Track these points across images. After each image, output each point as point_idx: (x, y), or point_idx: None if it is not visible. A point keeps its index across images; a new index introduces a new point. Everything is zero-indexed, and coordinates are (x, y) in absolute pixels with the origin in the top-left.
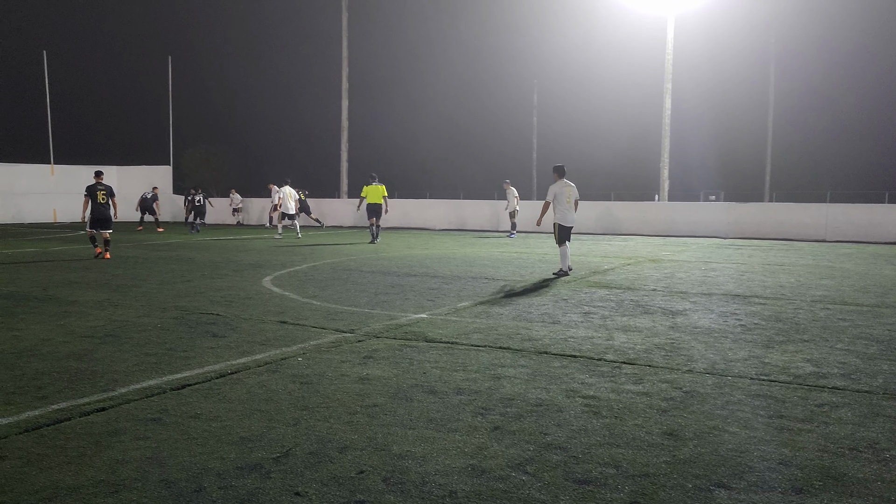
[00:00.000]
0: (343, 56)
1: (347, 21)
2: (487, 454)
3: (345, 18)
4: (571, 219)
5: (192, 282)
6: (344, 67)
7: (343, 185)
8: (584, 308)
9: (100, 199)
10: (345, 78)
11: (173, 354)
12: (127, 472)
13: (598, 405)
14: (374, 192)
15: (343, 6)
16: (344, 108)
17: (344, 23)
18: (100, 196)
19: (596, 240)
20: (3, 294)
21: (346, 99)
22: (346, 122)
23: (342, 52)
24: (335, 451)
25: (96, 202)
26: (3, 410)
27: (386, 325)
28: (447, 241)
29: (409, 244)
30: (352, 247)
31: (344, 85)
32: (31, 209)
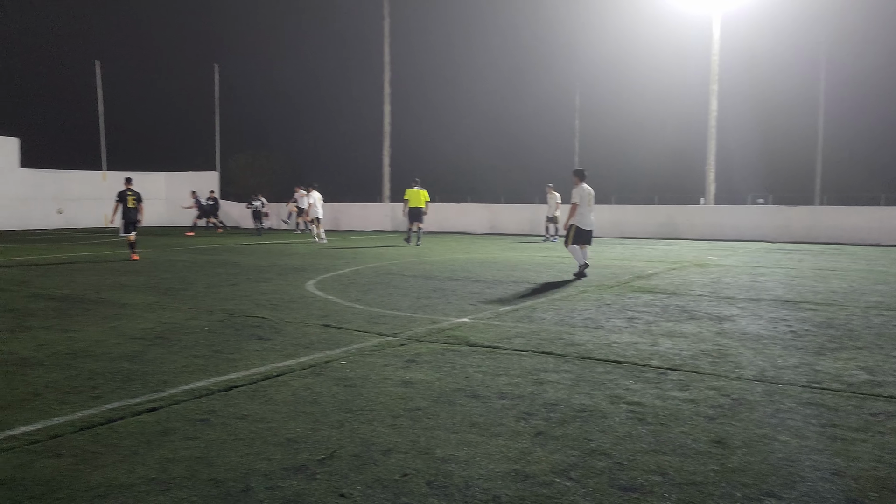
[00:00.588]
0: (385, 61)
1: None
2: (531, 459)
3: (386, 24)
4: (590, 221)
5: (238, 285)
6: (386, 73)
7: (385, 190)
8: (628, 313)
9: (130, 204)
10: (387, 83)
11: (220, 356)
12: (177, 471)
13: (643, 412)
14: (416, 196)
15: (385, 12)
16: (386, 114)
17: (386, 28)
18: (130, 201)
19: (639, 244)
20: (58, 297)
21: (388, 104)
22: (388, 126)
23: (384, 58)
24: (379, 453)
25: (126, 206)
26: (59, 409)
27: (428, 329)
28: (488, 245)
29: (451, 248)
30: (394, 251)
31: (386, 90)
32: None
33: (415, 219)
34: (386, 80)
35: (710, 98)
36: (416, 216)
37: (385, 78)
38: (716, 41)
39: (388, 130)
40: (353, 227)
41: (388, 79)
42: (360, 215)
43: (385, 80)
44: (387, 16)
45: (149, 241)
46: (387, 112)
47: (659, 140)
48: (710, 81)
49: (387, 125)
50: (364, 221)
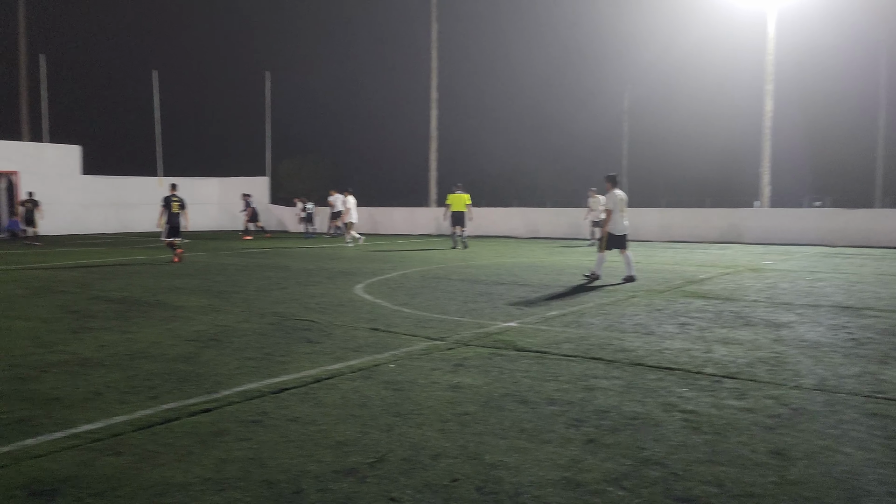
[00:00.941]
0: (432, 67)
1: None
2: (582, 467)
3: (434, 30)
4: (624, 226)
5: (288, 289)
6: (433, 78)
7: (432, 195)
8: (680, 319)
9: (174, 209)
10: (434, 88)
11: (271, 359)
12: (231, 471)
13: (698, 420)
14: (458, 200)
15: (432, 17)
16: (433, 118)
17: (433, 34)
18: (174, 206)
19: (690, 248)
20: (117, 299)
21: (436, 109)
22: (434, 131)
23: (431, 63)
24: (428, 458)
25: (172, 212)
26: (119, 409)
27: (475, 334)
28: (534, 249)
29: (497, 252)
30: (440, 255)
31: (433, 95)
32: (140, 219)
33: (457, 223)
34: (433, 85)
35: (764, 98)
36: (458, 220)
37: (432, 83)
38: (770, 39)
39: (436, 135)
40: (400, 231)
41: (435, 84)
42: (406, 219)
43: (432, 85)
44: (434, 21)
45: (201, 245)
46: (434, 117)
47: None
48: (765, 81)
49: (434, 130)
50: (411, 226)
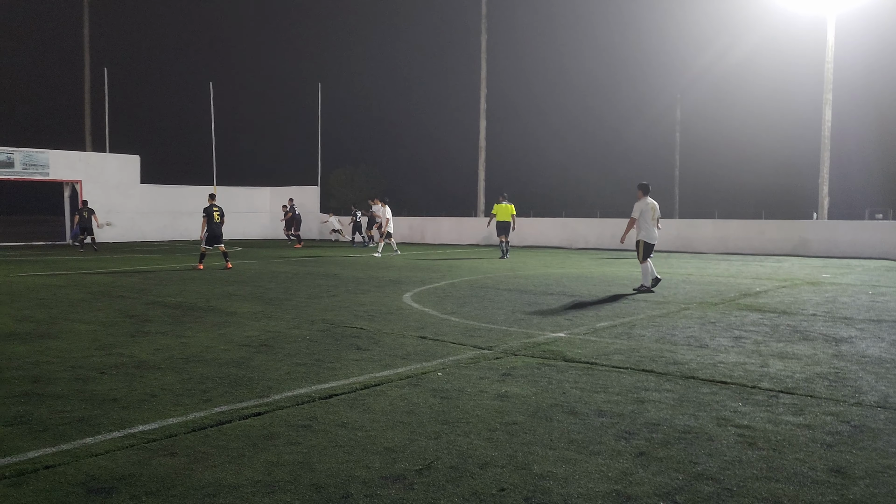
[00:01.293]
0: (481, 77)
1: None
2: (633, 480)
3: (484, 40)
4: (654, 236)
5: (338, 296)
6: (482, 88)
7: (480, 204)
8: (735, 332)
9: (215, 219)
10: (483, 98)
11: (321, 365)
12: (281, 475)
13: (753, 436)
14: (503, 210)
15: (482, 28)
16: (482, 129)
17: (483, 44)
18: (215, 216)
19: (745, 260)
20: (173, 304)
21: (485, 119)
22: (483, 141)
23: (481, 73)
24: (476, 466)
25: (213, 221)
26: (173, 411)
27: (523, 343)
28: (583, 259)
29: (546, 262)
30: (488, 265)
31: (482, 105)
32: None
33: (502, 232)
34: (482, 96)
35: (823, 108)
36: (503, 230)
37: (481, 93)
38: (830, 47)
39: (484, 146)
40: (447, 241)
41: (484, 94)
42: (454, 229)
43: (481, 95)
44: (484, 31)
45: (254, 253)
46: (482, 127)
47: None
48: (824, 90)
49: (482, 140)
50: (458, 235)
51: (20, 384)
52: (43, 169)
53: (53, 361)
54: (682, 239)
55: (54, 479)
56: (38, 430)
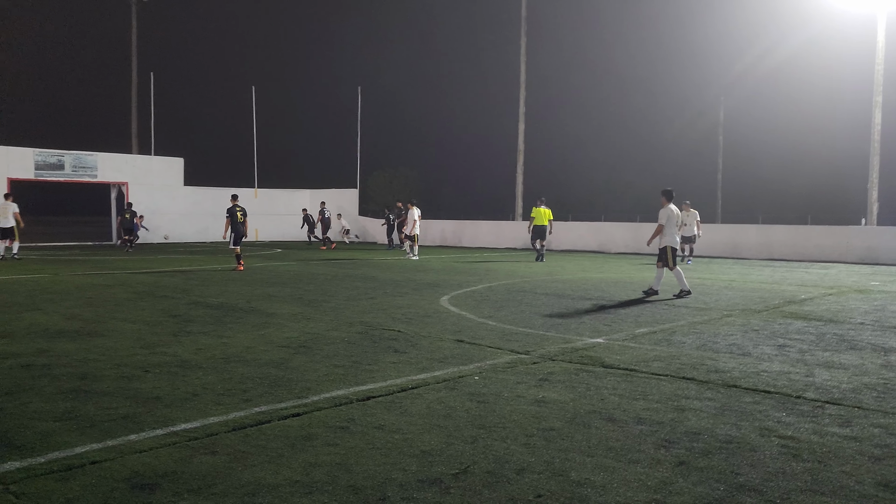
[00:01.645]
0: (521, 80)
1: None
2: (672, 490)
3: (523, 43)
4: (677, 241)
5: (376, 299)
6: (521, 91)
7: (518, 208)
8: (779, 340)
9: (239, 219)
10: (522, 102)
11: (359, 367)
12: (319, 475)
13: (797, 447)
14: (541, 214)
15: (522, 31)
16: (521, 132)
17: (522, 47)
18: (238, 216)
19: (790, 267)
20: (214, 305)
21: (523, 122)
22: (522, 145)
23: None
24: (513, 472)
25: (236, 221)
26: (214, 410)
27: (561, 348)
28: (623, 264)
29: (584, 267)
30: (526, 268)
31: (521, 109)
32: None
33: (539, 237)
34: (521, 99)
35: (873, 111)
36: (540, 234)
37: (521, 97)
38: (881, 47)
39: (523, 149)
40: (485, 244)
41: (523, 98)
42: (492, 233)
43: (521, 99)
44: (524, 35)
45: (293, 255)
46: (521, 131)
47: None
48: (874, 93)
49: (521, 143)
50: (497, 239)
51: (69, 381)
52: (91, 171)
53: (100, 359)
54: (725, 244)
55: (100, 474)
56: (86, 426)
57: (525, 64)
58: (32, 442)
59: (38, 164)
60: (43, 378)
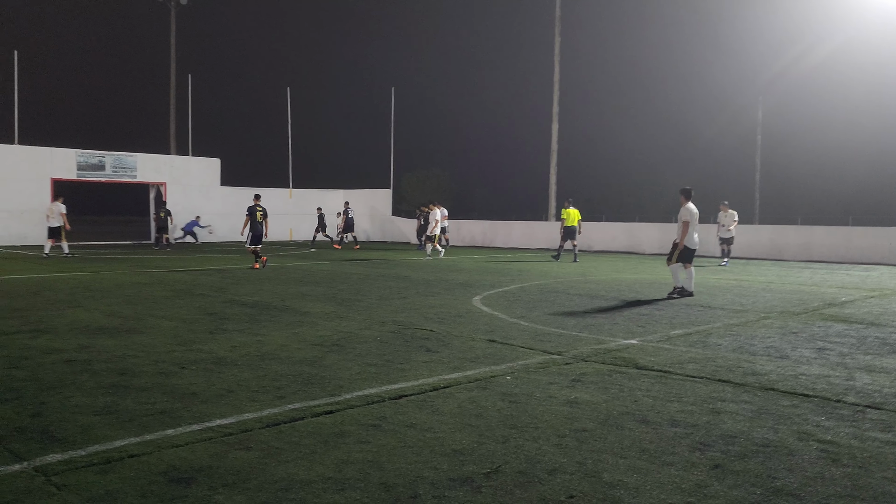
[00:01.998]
0: (555, 80)
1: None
2: (708, 493)
3: (557, 43)
4: (695, 241)
5: (408, 298)
6: (555, 91)
7: (551, 209)
8: (818, 343)
9: (258, 219)
10: (555, 102)
11: (391, 366)
12: (351, 472)
13: (837, 451)
14: (571, 215)
15: (556, 31)
16: (554, 132)
17: (556, 47)
18: (258, 215)
19: (830, 269)
20: (249, 303)
21: (557, 122)
22: (555, 145)
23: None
24: (544, 472)
25: (255, 221)
26: (249, 406)
27: (594, 349)
28: (657, 265)
29: (617, 268)
30: (559, 269)
31: (555, 109)
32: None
33: (569, 237)
34: (555, 99)
35: None
36: (570, 234)
37: (554, 97)
38: None
39: (556, 149)
40: (517, 245)
41: (556, 98)
42: (524, 233)
43: (554, 99)
44: (558, 34)
45: (325, 255)
46: (555, 130)
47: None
48: None
49: (554, 143)
50: (529, 239)
51: (108, 376)
52: (131, 171)
53: (139, 355)
54: (763, 246)
55: (138, 467)
56: (125, 421)
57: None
58: (73, 435)
59: (80, 164)
60: (84, 373)
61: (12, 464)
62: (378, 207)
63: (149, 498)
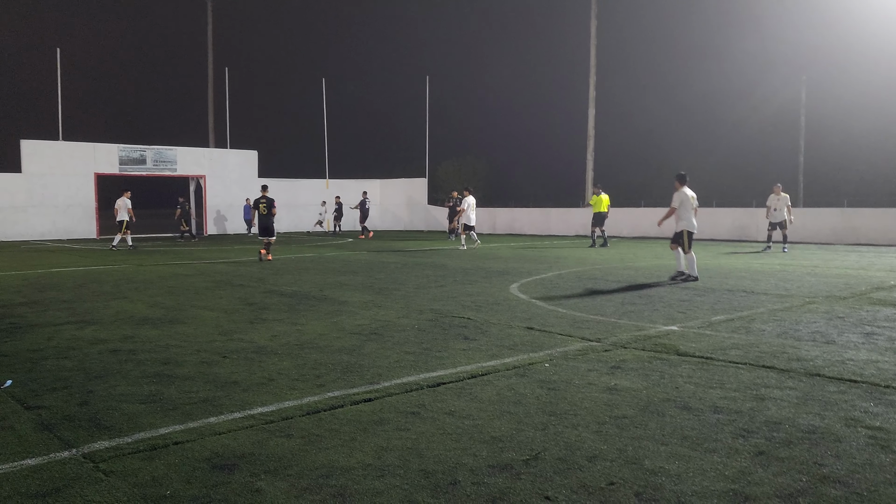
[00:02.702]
0: (591, 64)
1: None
2: (751, 480)
3: (593, 26)
4: (695, 225)
5: (445, 287)
6: (591, 76)
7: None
8: (866, 328)
9: (261, 211)
10: (592, 86)
11: (429, 354)
12: (390, 459)
13: (886, 438)
14: (601, 202)
15: (592, 14)
16: (591, 117)
17: (592, 31)
18: (261, 208)
19: (878, 252)
20: (288, 293)
21: (593, 107)
22: (592, 130)
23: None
24: (584, 459)
25: (259, 214)
26: (289, 394)
27: (634, 336)
28: (699, 250)
29: (657, 254)
30: (596, 255)
31: (591, 94)
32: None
33: (598, 223)
34: (591, 84)
35: None
36: (599, 220)
37: (591, 81)
38: None
39: (593, 134)
40: (554, 232)
41: (593, 82)
42: (561, 220)
43: (591, 83)
44: (594, 17)
45: (364, 245)
46: (591, 115)
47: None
48: None
49: (591, 129)
50: (566, 226)
51: (152, 365)
52: (171, 165)
53: (181, 345)
54: (808, 229)
55: (182, 454)
56: (168, 409)
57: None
58: (120, 423)
59: (122, 158)
60: (129, 363)
61: (62, 451)
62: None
63: (193, 484)
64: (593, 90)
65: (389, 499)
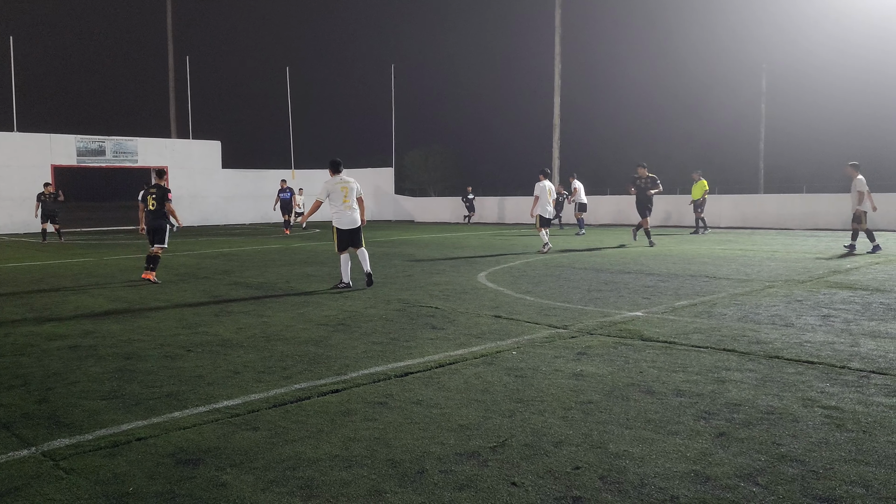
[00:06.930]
0: (556, 52)
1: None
2: (712, 461)
3: (558, 15)
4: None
5: (413, 276)
6: (556, 64)
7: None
8: (823, 310)
9: (150, 205)
10: (557, 75)
11: (397, 344)
12: (358, 450)
13: (841, 417)
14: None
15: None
16: (556, 106)
17: (557, 19)
18: (150, 201)
19: (835, 236)
20: (254, 285)
21: (559, 96)
22: (557, 119)
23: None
24: (550, 444)
25: (147, 209)
26: (255, 387)
27: (599, 322)
28: (663, 237)
29: (623, 241)
30: (564, 242)
31: (556, 82)
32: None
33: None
34: (556, 72)
35: None
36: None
37: (556, 70)
38: None
39: (558, 123)
40: (523, 220)
41: (558, 71)
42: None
43: (556, 72)
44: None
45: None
46: (557, 104)
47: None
48: None
49: (556, 118)
50: None
51: (114, 361)
52: (132, 156)
53: (144, 339)
54: (768, 215)
55: (146, 450)
56: (131, 404)
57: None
58: (81, 420)
59: (80, 150)
60: (89, 359)
61: (20, 449)
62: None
63: (157, 479)
64: (558, 79)
65: (357, 489)
